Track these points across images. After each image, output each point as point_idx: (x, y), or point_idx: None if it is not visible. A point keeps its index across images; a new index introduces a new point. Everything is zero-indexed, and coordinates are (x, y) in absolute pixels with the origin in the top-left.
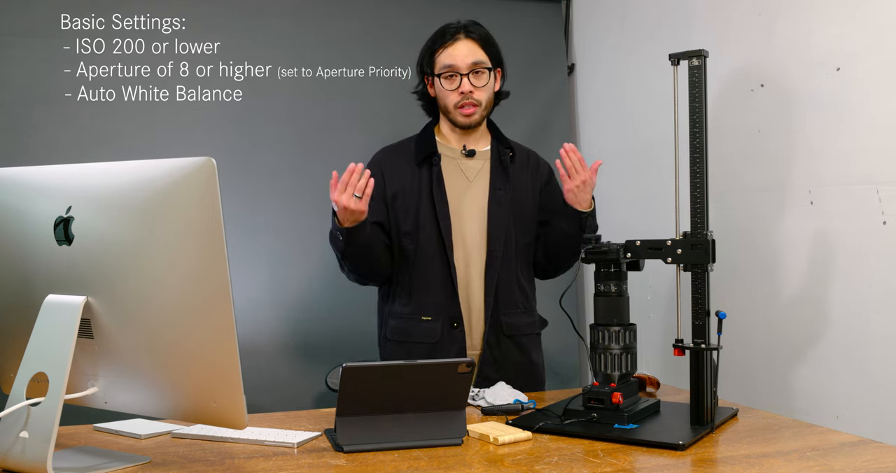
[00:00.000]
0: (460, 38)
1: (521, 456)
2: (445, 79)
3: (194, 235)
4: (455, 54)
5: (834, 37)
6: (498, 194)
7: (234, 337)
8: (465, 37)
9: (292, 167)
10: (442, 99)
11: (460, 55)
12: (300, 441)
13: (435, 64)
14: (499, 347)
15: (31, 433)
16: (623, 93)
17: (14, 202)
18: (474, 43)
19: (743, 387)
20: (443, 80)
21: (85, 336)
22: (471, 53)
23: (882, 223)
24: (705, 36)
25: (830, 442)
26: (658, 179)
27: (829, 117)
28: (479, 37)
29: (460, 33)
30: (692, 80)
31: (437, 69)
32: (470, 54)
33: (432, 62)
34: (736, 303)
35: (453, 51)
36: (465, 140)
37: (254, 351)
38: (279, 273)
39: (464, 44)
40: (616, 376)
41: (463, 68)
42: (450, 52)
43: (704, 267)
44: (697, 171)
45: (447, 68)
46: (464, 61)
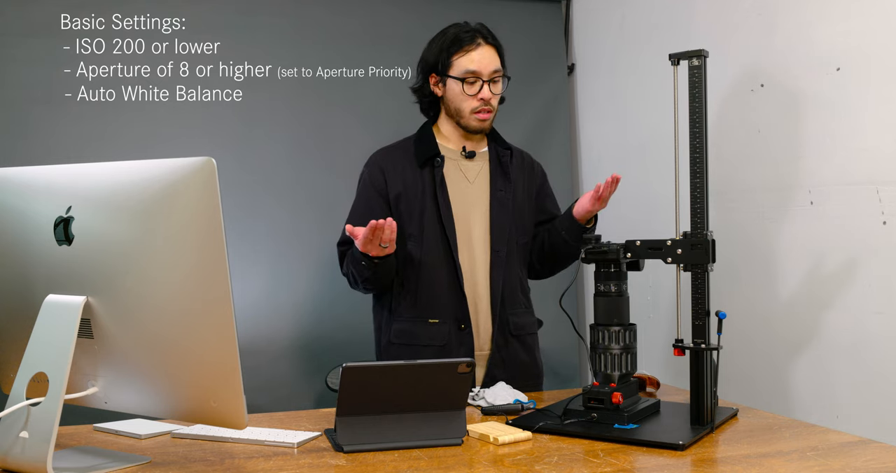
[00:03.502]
0: (482, 43)
1: (521, 456)
2: (467, 84)
3: (194, 235)
4: (479, 60)
5: (834, 36)
6: (499, 195)
7: (234, 337)
8: (486, 42)
9: (292, 167)
10: (457, 102)
11: (484, 62)
12: (300, 441)
13: (453, 66)
14: (507, 347)
15: (31, 433)
16: (623, 93)
17: (14, 202)
18: (493, 49)
19: (743, 387)
20: (465, 85)
21: (85, 336)
22: (493, 61)
23: (882, 223)
24: (705, 36)
25: (830, 442)
26: (658, 179)
27: (830, 117)
28: (496, 44)
29: (480, 38)
30: (692, 80)
31: (458, 72)
32: (492, 62)
33: (449, 64)
34: (736, 303)
35: (476, 56)
36: (466, 142)
37: (254, 351)
38: (279, 273)
39: (486, 50)
40: (616, 376)
41: (486, 75)
42: (473, 57)
43: (704, 267)
44: (697, 171)
45: (470, 74)
46: (487, 68)
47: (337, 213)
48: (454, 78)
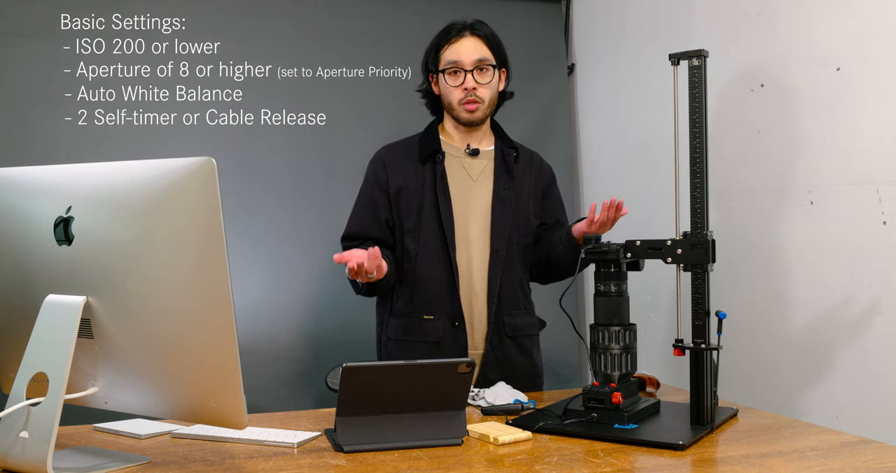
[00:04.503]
0: (465, 35)
1: (521, 456)
2: (450, 75)
3: (194, 235)
4: (460, 50)
5: (834, 36)
6: (502, 194)
7: (234, 337)
8: (471, 34)
9: (292, 167)
10: (446, 95)
11: (465, 51)
12: (300, 441)
13: (440, 60)
14: (501, 347)
15: (31, 433)
16: (623, 93)
17: (14, 202)
18: (479, 40)
19: (743, 387)
20: (447, 76)
21: (85, 336)
22: (475, 50)
23: (882, 223)
24: (705, 36)
25: (830, 442)
26: (658, 179)
27: (830, 117)
28: (485, 35)
29: (465, 30)
30: (692, 80)
31: (442, 65)
32: (475, 51)
33: (437, 59)
34: (736, 303)
35: (458, 47)
36: (469, 139)
37: (254, 351)
38: (279, 273)
39: (469, 40)
40: (616, 376)
41: (467, 64)
42: (454, 48)
43: (704, 267)
44: (697, 171)
45: (451, 64)
46: (468, 57)
47: (337, 213)
48: (440, 71)
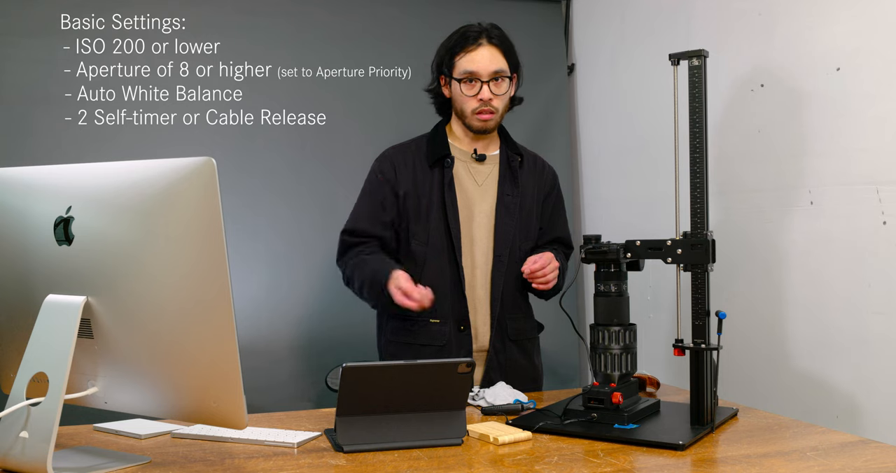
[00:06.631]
0: (483, 43)
1: (521, 456)
2: (465, 84)
3: (194, 235)
4: (477, 60)
5: (834, 37)
6: (506, 200)
7: (234, 337)
8: (488, 43)
9: (292, 167)
10: (459, 103)
11: (483, 62)
12: (300, 441)
13: (455, 67)
14: (504, 351)
15: (31, 433)
16: (623, 93)
17: (14, 202)
18: (496, 49)
19: (743, 387)
20: (462, 86)
21: (85, 336)
22: (493, 61)
23: (882, 223)
24: (705, 36)
25: (830, 442)
26: (658, 179)
27: (830, 117)
28: (501, 43)
29: (483, 38)
30: (692, 80)
31: (457, 73)
32: (492, 62)
33: (452, 65)
34: (736, 303)
35: (476, 56)
36: (476, 143)
37: (254, 351)
38: (279, 273)
39: (487, 50)
40: (616, 376)
41: (484, 76)
42: (472, 57)
43: (704, 267)
44: (697, 171)
45: (468, 74)
46: (486, 69)
47: (337, 213)
48: (455, 79)
